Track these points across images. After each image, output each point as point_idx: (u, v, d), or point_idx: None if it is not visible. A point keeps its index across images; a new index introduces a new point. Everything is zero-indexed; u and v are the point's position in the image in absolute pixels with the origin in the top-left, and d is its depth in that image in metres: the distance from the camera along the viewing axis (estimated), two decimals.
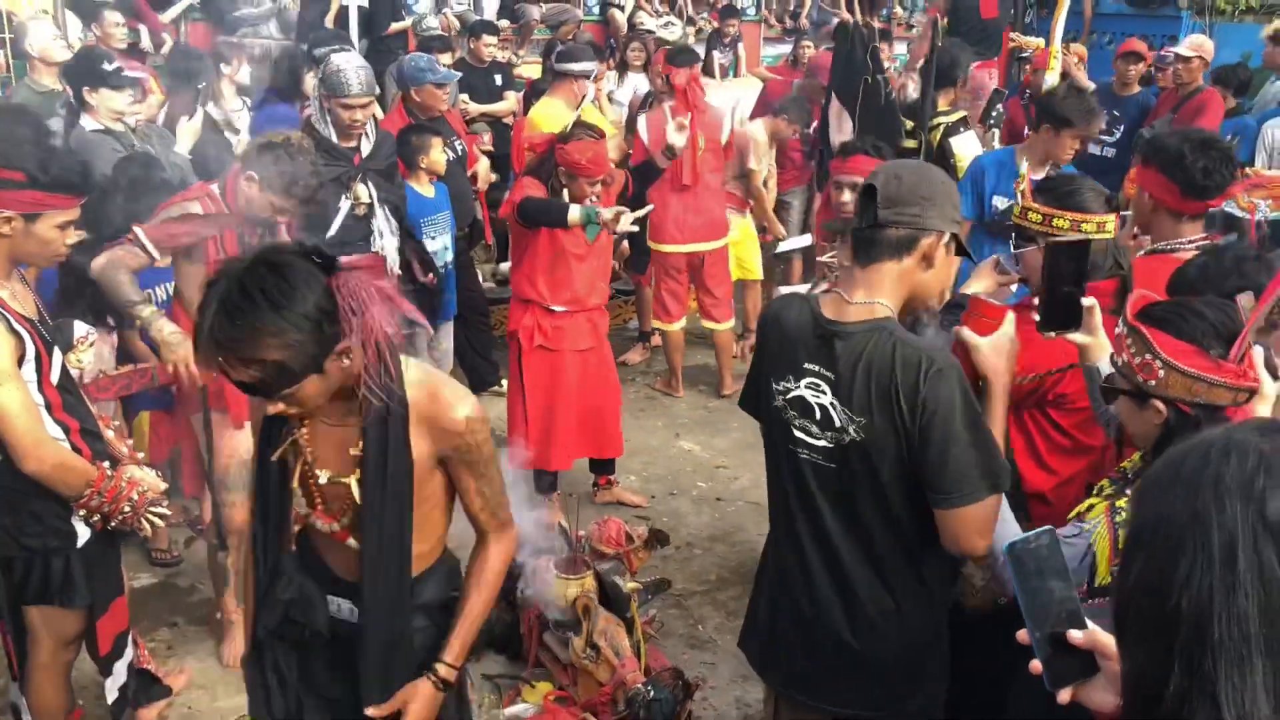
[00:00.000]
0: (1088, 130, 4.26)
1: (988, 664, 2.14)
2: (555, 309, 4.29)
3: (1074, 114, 4.14)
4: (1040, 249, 2.50)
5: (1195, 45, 6.71)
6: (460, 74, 6.33)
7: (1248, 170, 5.52)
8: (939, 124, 5.13)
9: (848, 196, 3.68)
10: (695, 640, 3.84)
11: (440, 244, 5.10)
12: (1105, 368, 2.10)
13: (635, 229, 4.41)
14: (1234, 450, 0.96)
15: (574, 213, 4.04)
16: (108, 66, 4.44)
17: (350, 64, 4.21)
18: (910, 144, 5.31)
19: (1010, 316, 2.13)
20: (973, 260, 2.30)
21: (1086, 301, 2.10)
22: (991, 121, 6.18)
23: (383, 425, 1.91)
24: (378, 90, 4.62)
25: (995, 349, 2.10)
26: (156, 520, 2.74)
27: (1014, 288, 2.71)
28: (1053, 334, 2.13)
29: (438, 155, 5.03)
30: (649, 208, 4.58)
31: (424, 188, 5.04)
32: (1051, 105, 4.24)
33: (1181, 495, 0.97)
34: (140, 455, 2.86)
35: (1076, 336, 2.12)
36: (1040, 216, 2.50)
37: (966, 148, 5.05)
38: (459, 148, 5.51)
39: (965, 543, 1.95)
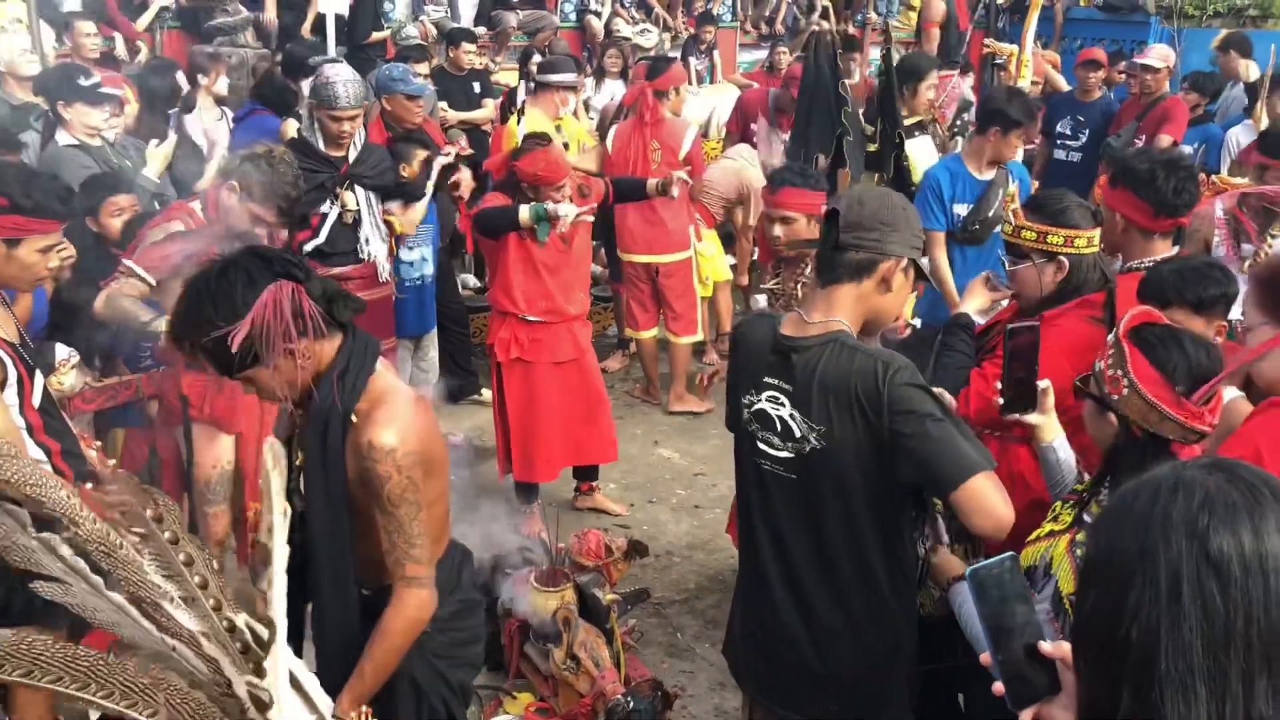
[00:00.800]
0: (1033, 128, 4.38)
1: (947, 665, 2.21)
2: (531, 319, 4.31)
3: (1021, 114, 4.39)
4: (1033, 265, 2.60)
5: (1164, 56, 6.82)
6: (434, 87, 6.35)
7: (1214, 179, 5.62)
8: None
9: (778, 230, 3.65)
10: (674, 649, 3.89)
11: (419, 255, 5.12)
12: (1060, 448, 2.19)
13: (589, 218, 4.36)
14: (1181, 488, 1.02)
15: (523, 212, 4.08)
16: (84, 81, 4.43)
17: (341, 76, 4.26)
18: (871, 148, 5.37)
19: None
20: (930, 283, 2.37)
21: (1041, 384, 2.18)
22: (956, 129, 6.24)
23: (322, 432, 2.02)
24: (367, 102, 4.66)
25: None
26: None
27: (1005, 303, 2.78)
28: (1015, 415, 2.20)
29: (419, 165, 5.04)
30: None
31: None
32: (999, 107, 4.43)
33: (1132, 530, 1.02)
34: (121, 475, 2.87)
35: (1032, 417, 2.20)
36: (1035, 234, 2.60)
37: (919, 152, 5.12)
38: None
39: (991, 511, 1.91)
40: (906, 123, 5.12)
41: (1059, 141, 7.12)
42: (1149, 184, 2.77)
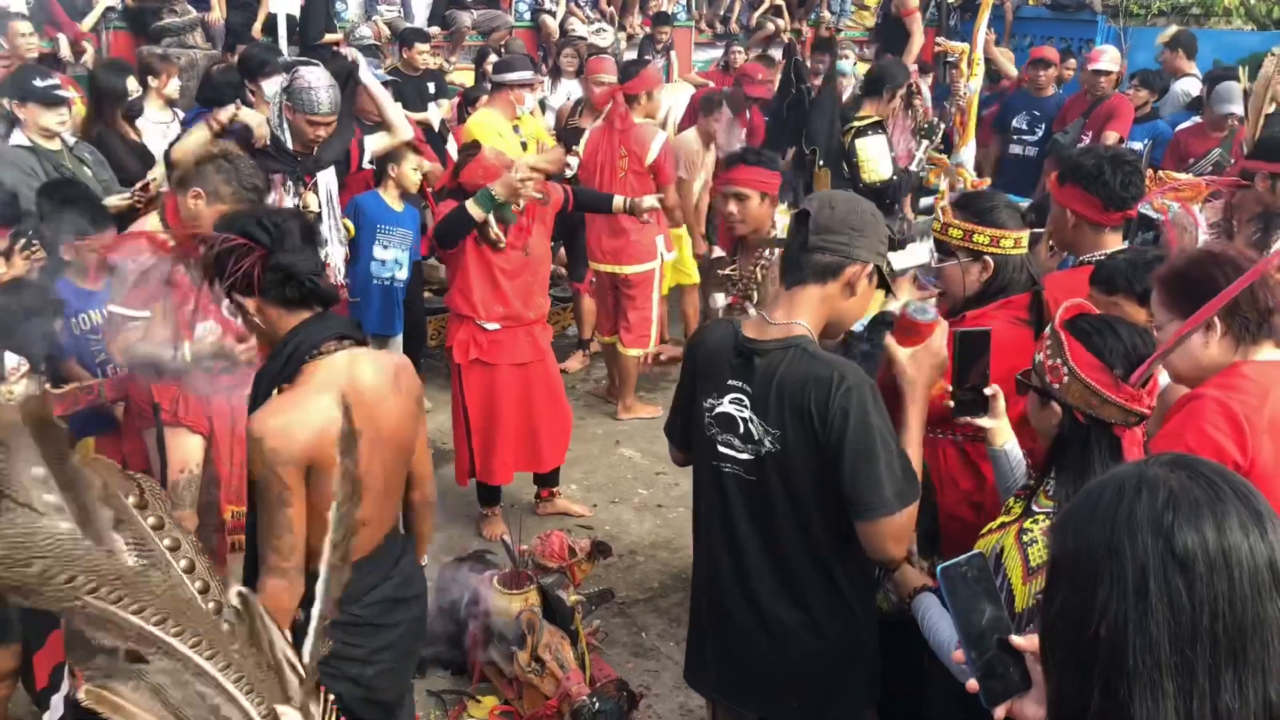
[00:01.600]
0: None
1: (908, 663, 2.23)
2: (489, 326, 4.28)
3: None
4: (959, 264, 2.61)
5: (1115, 59, 6.96)
6: (390, 76, 6.29)
7: (1160, 174, 5.73)
8: (851, 127, 5.24)
9: (733, 207, 3.65)
10: (639, 648, 3.89)
11: (393, 256, 5.08)
12: (1011, 450, 2.21)
13: (539, 197, 4.23)
14: (1145, 486, 1.03)
15: (472, 206, 4.01)
16: (40, 82, 4.34)
17: (321, 82, 4.20)
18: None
19: (940, 329, 2.19)
20: (893, 294, 2.39)
21: (989, 390, 2.19)
22: (923, 130, 6.32)
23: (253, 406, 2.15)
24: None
25: (915, 361, 2.16)
26: None
27: (933, 301, 2.79)
28: (965, 419, 2.22)
29: (408, 169, 4.99)
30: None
31: (391, 198, 5.03)
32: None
33: (1098, 528, 1.04)
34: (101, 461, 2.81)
35: (985, 421, 2.22)
36: (961, 232, 2.59)
37: (871, 149, 5.18)
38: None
39: (884, 552, 2.03)
40: (864, 123, 5.17)
41: (1015, 137, 7.23)
42: (1097, 179, 2.81)
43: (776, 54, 9.13)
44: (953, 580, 1.29)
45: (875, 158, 5.12)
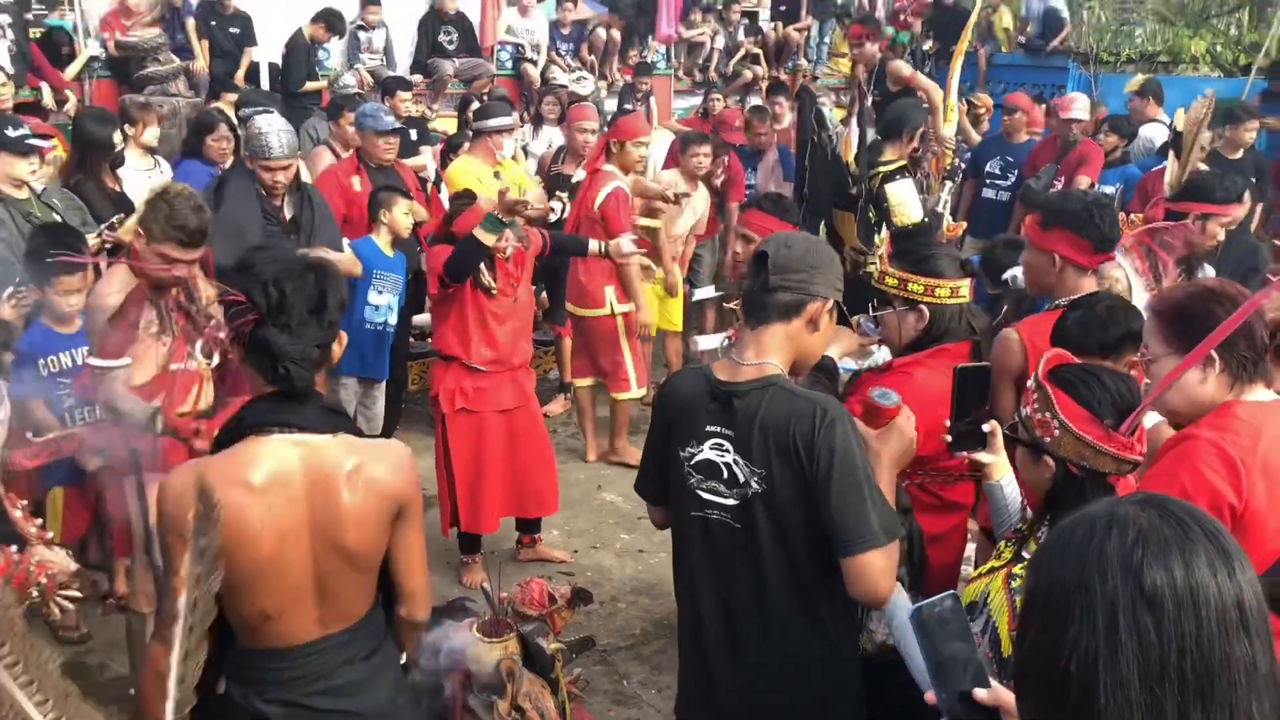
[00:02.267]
0: None
1: (891, 704, 2.22)
2: (478, 368, 4.28)
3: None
4: (895, 312, 2.63)
5: (1085, 107, 7.12)
6: (403, 125, 6.35)
7: (1133, 217, 5.83)
8: (878, 172, 5.32)
9: (740, 247, 3.88)
10: (620, 696, 3.85)
11: (386, 301, 5.10)
12: (1008, 485, 2.21)
13: (540, 210, 4.28)
14: (1115, 524, 1.05)
15: (481, 233, 4.01)
16: (12, 131, 4.34)
17: (273, 127, 4.25)
18: (852, 191, 5.54)
19: (905, 414, 2.19)
20: (851, 326, 2.41)
21: (987, 426, 2.20)
22: (946, 173, 6.42)
23: None
24: (301, 152, 4.67)
25: (883, 440, 2.17)
26: (66, 605, 2.66)
27: (874, 348, 2.81)
28: (963, 454, 2.23)
29: (400, 215, 5.02)
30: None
31: (384, 244, 5.05)
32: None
33: (1070, 566, 1.05)
34: (49, 535, 2.78)
35: (982, 456, 2.23)
36: (896, 280, 2.60)
37: (901, 193, 5.18)
38: None
39: (870, 589, 2.01)
40: (890, 167, 5.25)
41: (988, 181, 7.35)
42: (1088, 222, 2.84)
43: (754, 100, 9.28)
44: (925, 621, 1.29)
45: (905, 201, 5.12)
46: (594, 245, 4.70)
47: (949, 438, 2.22)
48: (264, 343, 1.93)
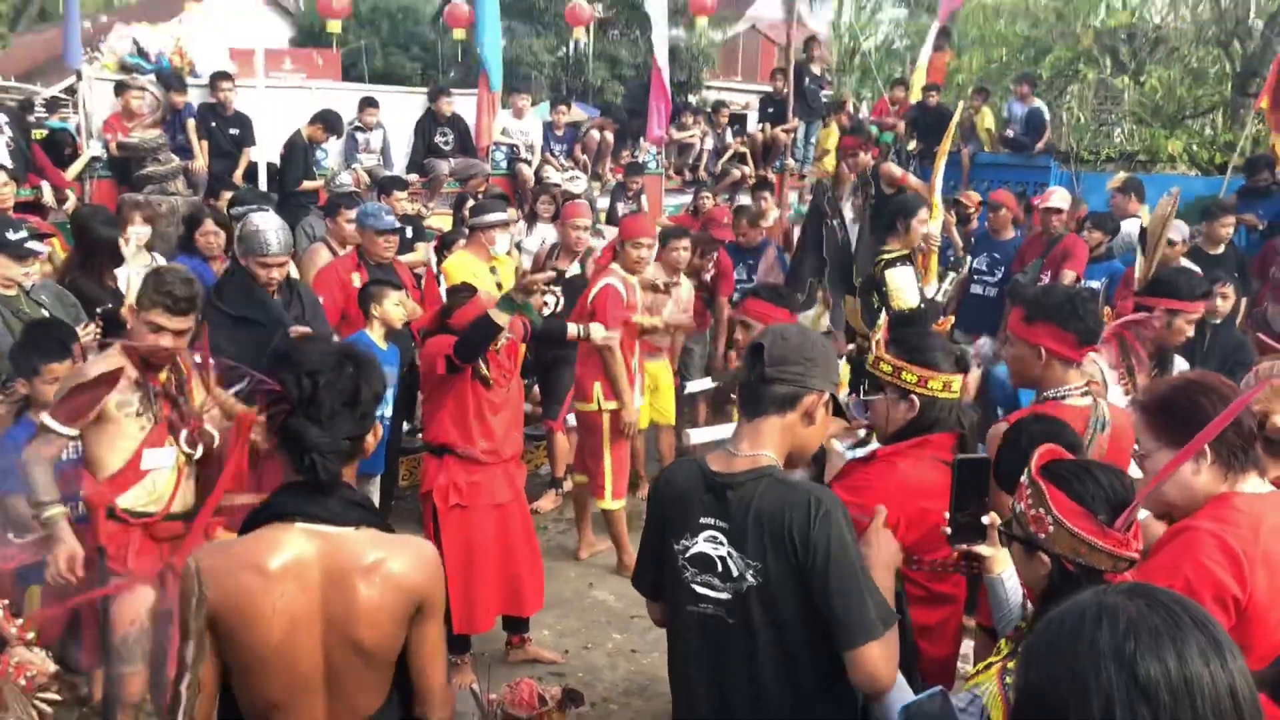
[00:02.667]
0: None
1: None
2: (476, 457, 4.24)
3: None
4: (885, 399, 2.63)
5: (1064, 198, 7.27)
6: (404, 225, 6.45)
7: (1119, 311, 5.91)
8: (881, 259, 5.53)
9: (739, 334, 3.96)
10: None
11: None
12: (1009, 579, 2.19)
13: (549, 284, 4.28)
14: (1105, 615, 1.04)
15: (496, 314, 3.98)
16: (12, 235, 4.39)
17: (269, 224, 4.32)
18: (857, 281, 5.79)
19: (876, 519, 2.21)
20: (847, 421, 2.41)
21: (986, 519, 2.17)
22: (948, 265, 6.67)
23: None
24: (293, 249, 4.73)
25: (873, 547, 2.17)
26: (45, 708, 2.60)
27: (861, 433, 2.81)
28: (963, 546, 2.20)
29: (391, 307, 5.06)
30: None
31: (378, 337, 5.07)
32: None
33: (1062, 659, 1.04)
34: (30, 635, 2.73)
35: (983, 549, 2.19)
36: (890, 367, 2.61)
37: (899, 280, 5.39)
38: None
39: (875, 678, 1.97)
40: (892, 255, 5.47)
41: (975, 277, 7.46)
42: (1072, 315, 2.87)
43: (743, 198, 9.47)
44: (914, 718, 1.28)
45: (903, 287, 5.33)
46: (572, 329, 4.71)
47: (948, 530, 2.21)
48: (293, 433, 1.95)
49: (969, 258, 6.98)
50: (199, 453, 3.44)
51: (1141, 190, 8.00)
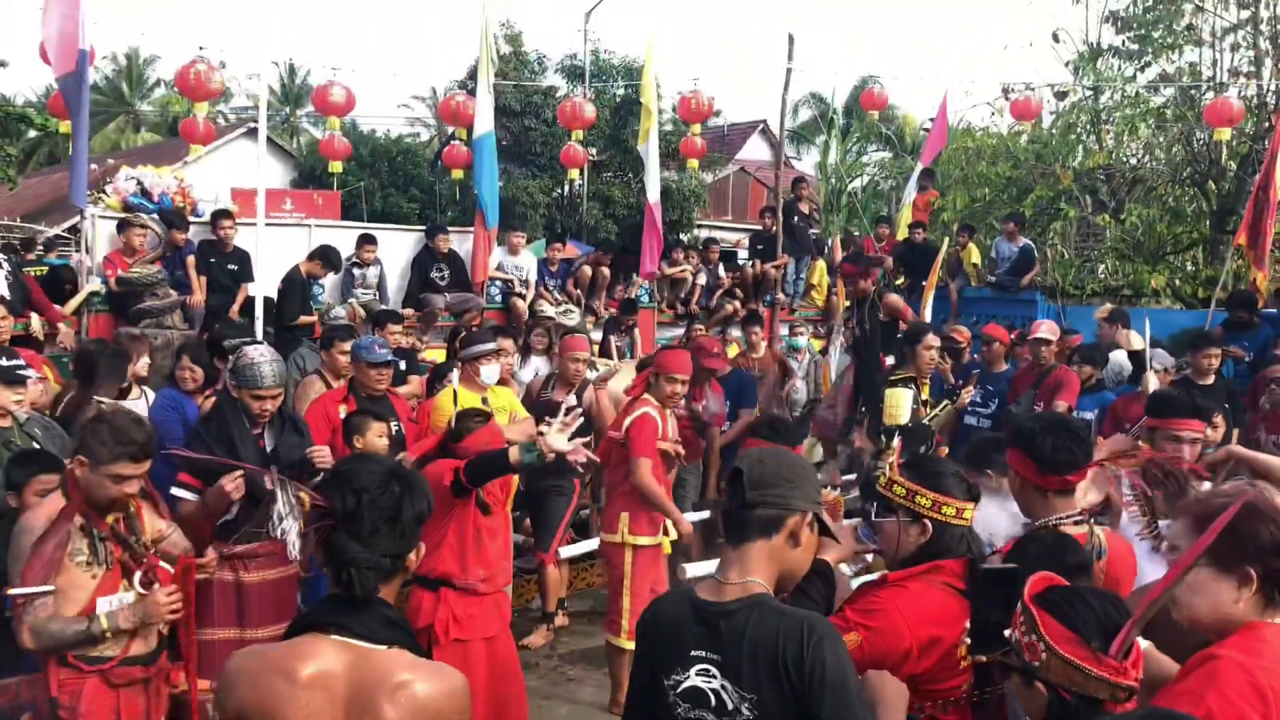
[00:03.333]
0: None
1: None
2: (474, 589, 4.12)
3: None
4: (897, 522, 2.58)
5: (1052, 329, 7.38)
6: (398, 359, 6.48)
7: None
8: (889, 379, 5.83)
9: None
10: None
11: None
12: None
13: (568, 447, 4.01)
14: None
15: (517, 455, 3.87)
16: (5, 362, 4.41)
17: (264, 357, 4.33)
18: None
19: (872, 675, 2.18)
20: (835, 539, 2.37)
21: (1008, 632, 2.09)
22: (945, 393, 6.92)
23: None
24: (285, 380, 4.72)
25: (878, 686, 2.13)
26: None
27: (870, 557, 2.75)
28: (983, 658, 2.14)
29: (374, 439, 5.01)
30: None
31: None
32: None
33: None
34: None
35: (1006, 659, 2.09)
36: (905, 491, 2.58)
37: (896, 399, 5.79)
38: (394, 429, 5.49)
39: None
40: (899, 376, 5.76)
41: (970, 408, 7.47)
42: (1031, 441, 2.86)
43: (734, 331, 9.58)
44: None
45: (899, 405, 5.72)
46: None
47: (968, 640, 2.14)
48: (335, 548, 2.01)
49: (971, 386, 7.10)
50: (156, 591, 3.35)
51: (1127, 319, 8.12)
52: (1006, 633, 1.95)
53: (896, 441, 4.36)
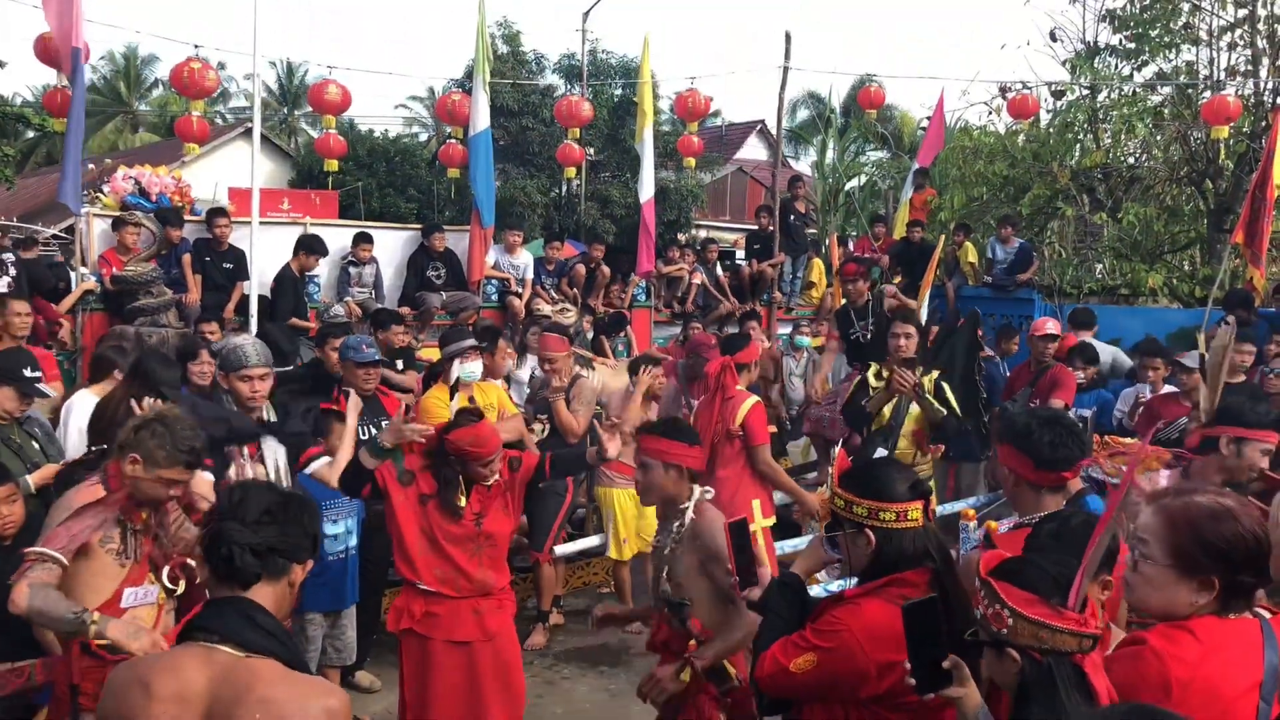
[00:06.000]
0: None
1: None
2: (426, 589, 3.94)
3: None
4: (845, 535, 2.52)
5: (1057, 326, 7.43)
6: (383, 358, 6.45)
7: (1107, 439, 5.89)
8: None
9: (638, 475, 3.72)
10: None
11: (343, 528, 5.00)
12: (985, 717, 2.09)
13: (418, 437, 3.95)
14: None
15: (364, 457, 3.87)
16: (29, 372, 4.41)
17: (246, 340, 4.37)
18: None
19: None
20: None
21: (946, 663, 2.06)
22: None
23: None
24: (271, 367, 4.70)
25: None
26: None
27: (836, 570, 2.73)
28: (931, 695, 2.09)
29: (335, 441, 4.99)
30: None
31: (328, 472, 4.97)
32: None
33: None
34: None
35: (952, 691, 2.07)
36: (843, 502, 2.52)
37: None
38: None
39: None
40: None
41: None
42: (1026, 438, 2.85)
43: (731, 329, 9.58)
44: None
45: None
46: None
47: (912, 680, 2.09)
48: (217, 534, 2.04)
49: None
50: (181, 588, 3.33)
51: (1091, 320, 8.39)
52: (978, 612, 2.00)
53: (838, 450, 4.28)
